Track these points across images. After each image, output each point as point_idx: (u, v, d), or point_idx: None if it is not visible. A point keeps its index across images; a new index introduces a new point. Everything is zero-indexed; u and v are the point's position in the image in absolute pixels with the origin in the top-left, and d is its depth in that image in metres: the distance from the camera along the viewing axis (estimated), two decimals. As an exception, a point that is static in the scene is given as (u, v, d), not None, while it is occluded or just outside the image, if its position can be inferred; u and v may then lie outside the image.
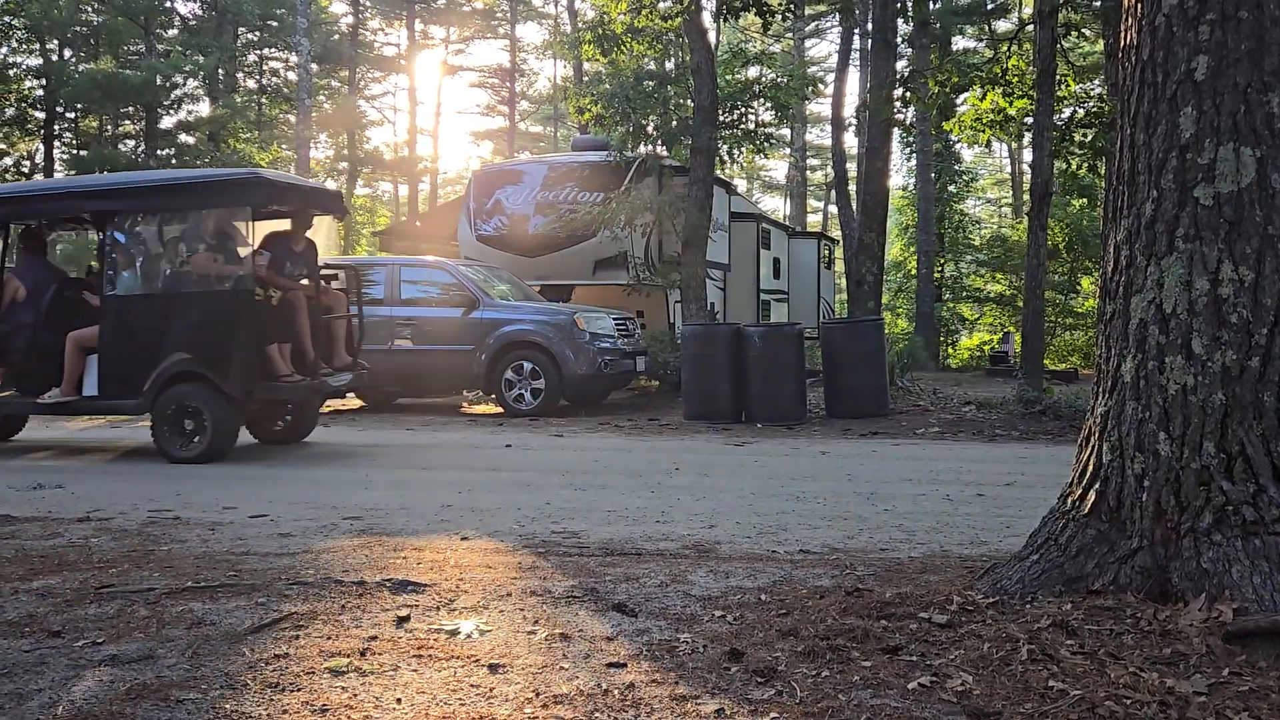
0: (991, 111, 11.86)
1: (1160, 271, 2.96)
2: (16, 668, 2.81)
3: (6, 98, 27.40)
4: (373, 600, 3.47)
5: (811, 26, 34.76)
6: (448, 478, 6.73)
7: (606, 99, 13.92)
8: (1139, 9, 3.10)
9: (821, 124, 39.11)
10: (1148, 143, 3.03)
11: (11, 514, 5.36)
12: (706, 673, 2.71)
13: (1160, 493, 2.92)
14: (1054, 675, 2.52)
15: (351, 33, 35.61)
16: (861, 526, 5.03)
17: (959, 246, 25.76)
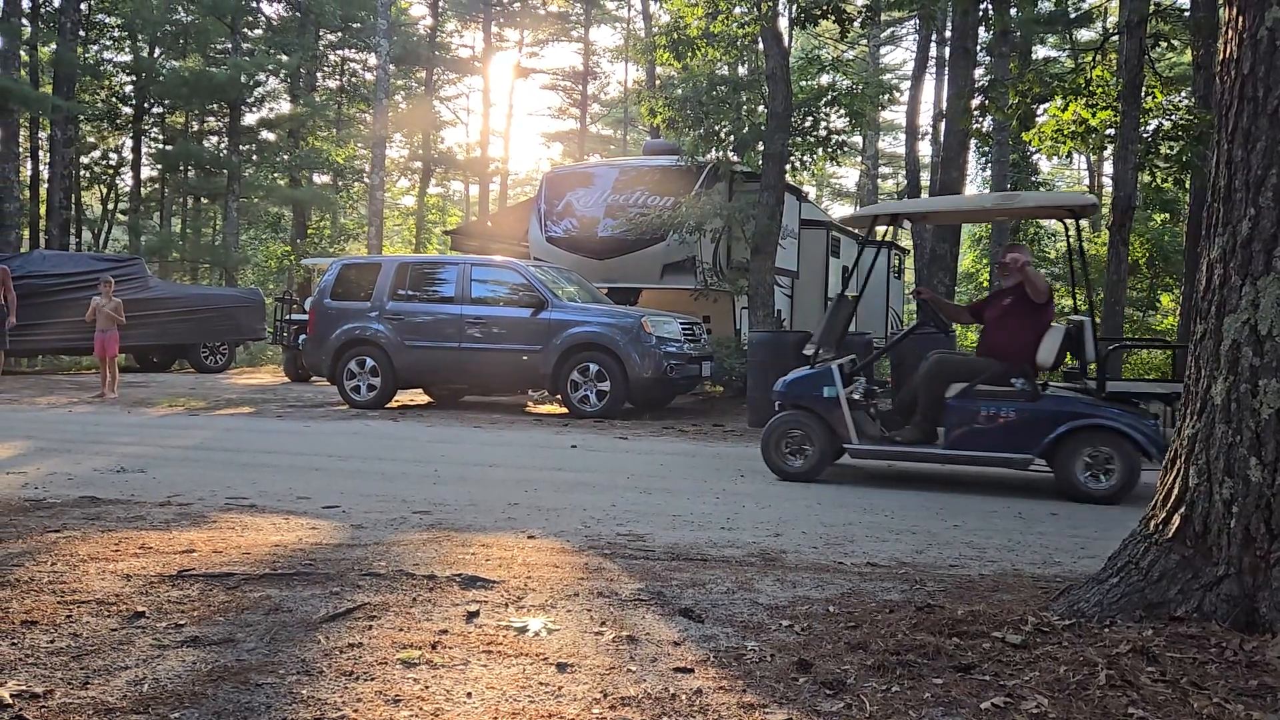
0: (1073, 122, 11.60)
1: (1256, 291, 2.87)
2: (104, 645, 2.91)
3: (99, 93, 28.39)
4: (443, 594, 3.52)
5: (887, 33, 34.36)
6: (514, 476, 6.80)
7: (679, 103, 13.93)
8: (1240, 22, 3.02)
9: (894, 132, 38.68)
10: (1246, 159, 2.95)
11: (97, 495, 5.56)
12: (774, 682, 2.70)
13: (1250, 519, 2.83)
14: (1134, 703, 2.46)
15: (429, 34, 36.15)
16: (930, 541, 4.96)
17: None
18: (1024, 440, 6.37)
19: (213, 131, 32.42)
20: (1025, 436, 6.36)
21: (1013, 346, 6.64)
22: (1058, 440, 6.30)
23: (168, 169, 30.83)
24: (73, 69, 24.79)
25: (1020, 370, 6.55)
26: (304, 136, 30.13)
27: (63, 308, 15.10)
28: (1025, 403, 6.42)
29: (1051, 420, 6.33)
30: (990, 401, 6.48)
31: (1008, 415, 6.41)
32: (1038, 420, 6.35)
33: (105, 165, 31.52)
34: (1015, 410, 6.42)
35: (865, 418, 6.93)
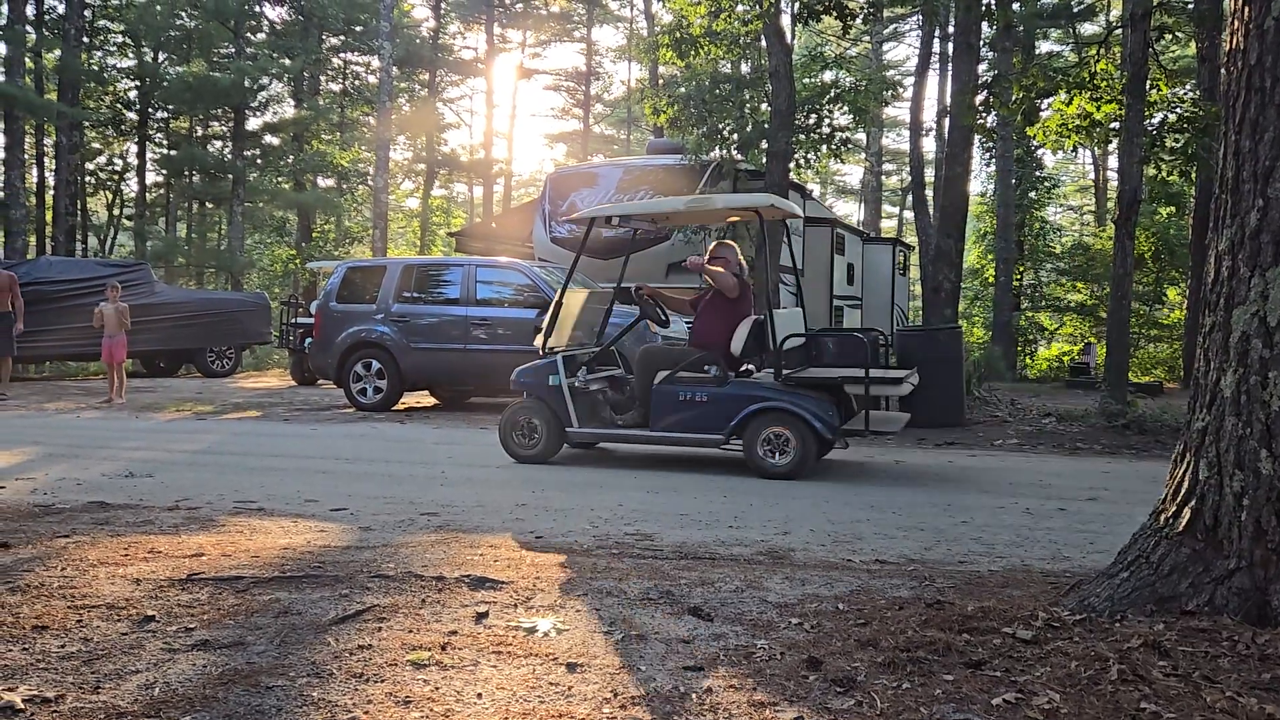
0: (1077, 117, 11.54)
1: (1265, 283, 2.86)
2: (115, 649, 2.91)
3: (103, 99, 28.47)
4: (452, 595, 3.52)
5: (890, 30, 34.31)
6: (521, 476, 6.80)
7: (682, 102, 13.92)
8: (1246, 12, 3.00)
9: (897, 128, 38.63)
10: (1254, 150, 2.93)
11: (106, 500, 5.57)
12: (785, 680, 2.70)
13: (1261, 512, 2.81)
14: (1146, 697, 2.45)
15: (432, 36, 36.19)
16: (939, 538, 4.95)
17: (1039, 254, 25.17)
18: (715, 422, 7.02)
19: (217, 136, 32.47)
20: (716, 419, 7.01)
21: (710, 336, 7.27)
22: (743, 422, 6.95)
23: (172, 174, 30.89)
24: (77, 75, 24.86)
25: (714, 359, 7.18)
26: (308, 140, 30.17)
27: (69, 314, 15.13)
28: (715, 388, 7.06)
29: (737, 404, 6.99)
30: (686, 387, 7.13)
31: (701, 399, 7.08)
32: (726, 404, 7.01)
33: (110, 171, 31.60)
34: (707, 395, 7.06)
35: (593, 403, 7.62)
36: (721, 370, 7.14)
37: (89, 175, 30.20)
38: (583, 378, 7.53)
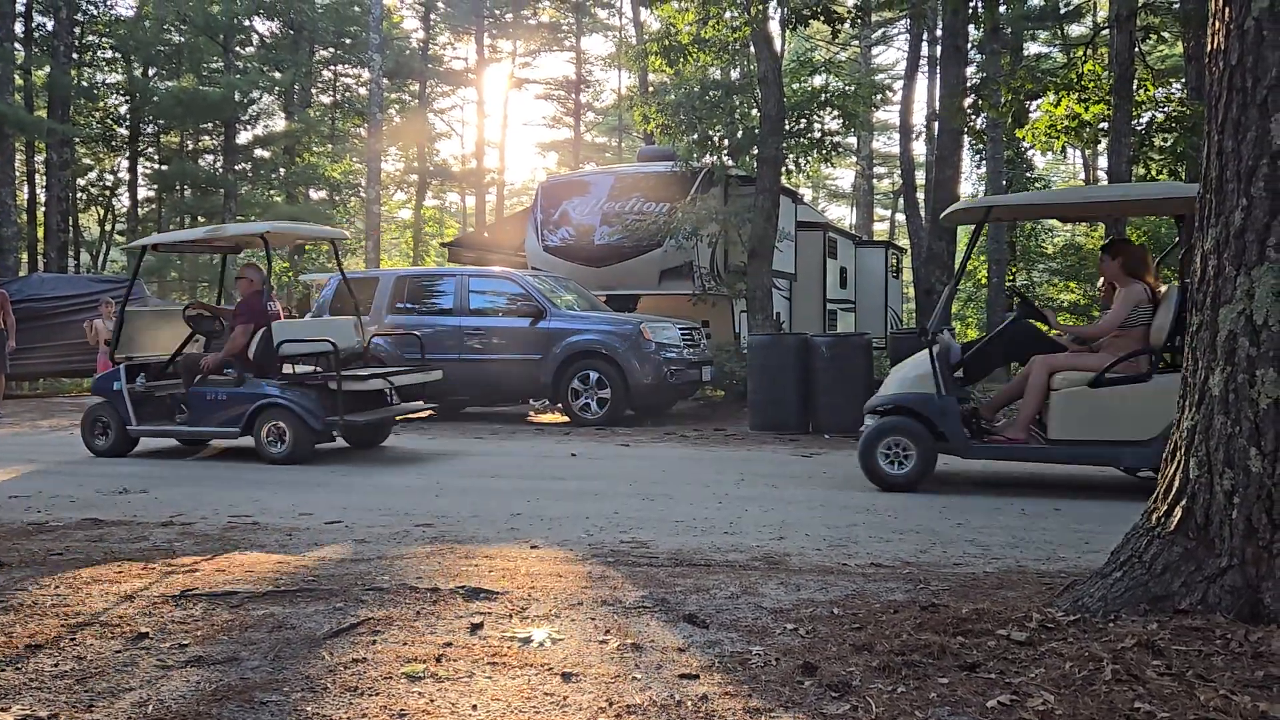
0: (1066, 118, 11.60)
1: (1250, 282, 2.87)
2: (108, 667, 2.91)
3: (93, 115, 28.46)
4: (447, 607, 3.52)
5: (879, 34, 34.44)
6: (516, 486, 6.79)
7: (672, 109, 13.96)
8: (1227, 12, 3.02)
9: (888, 132, 38.74)
10: (1237, 150, 2.95)
11: (99, 517, 5.56)
12: (780, 686, 2.70)
13: (1251, 510, 2.82)
14: (1140, 697, 2.46)
15: (422, 48, 36.26)
16: (934, 540, 4.95)
17: (1031, 255, 25.24)
18: (234, 418, 8.10)
19: (208, 150, 32.48)
20: (234, 415, 8.10)
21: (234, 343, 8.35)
22: (251, 417, 8.01)
23: (164, 189, 30.89)
24: (67, 92, 24.86)
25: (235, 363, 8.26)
26: (299, 153, 30.19)
27: (62, 330, 15.11)
28: (234, 389, 8.16)
29: (248, 401, 8.06)
30: (213, 389, 8.24)
31: (224, 399, 8.16)
32: (241, 402, 8.08)
33: (102, 187, 31.60)
34: (227, 395, 8.17)
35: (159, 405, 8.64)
36: (238, 372, 8.20)
37: (80, 191, 30.20)
38: (141, 383, 8.54)
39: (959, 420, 6.41)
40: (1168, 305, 6.17)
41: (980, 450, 6.51)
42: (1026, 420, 6.51)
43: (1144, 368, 6.19)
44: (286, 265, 28.98)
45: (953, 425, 6.39)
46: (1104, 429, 6.13)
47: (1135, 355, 6.19)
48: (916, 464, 6.50)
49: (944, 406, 6.41)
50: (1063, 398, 6.27)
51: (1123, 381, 6.11)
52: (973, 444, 6.48)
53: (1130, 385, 6.08)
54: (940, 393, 6.44)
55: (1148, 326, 6.30)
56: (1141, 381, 6.08)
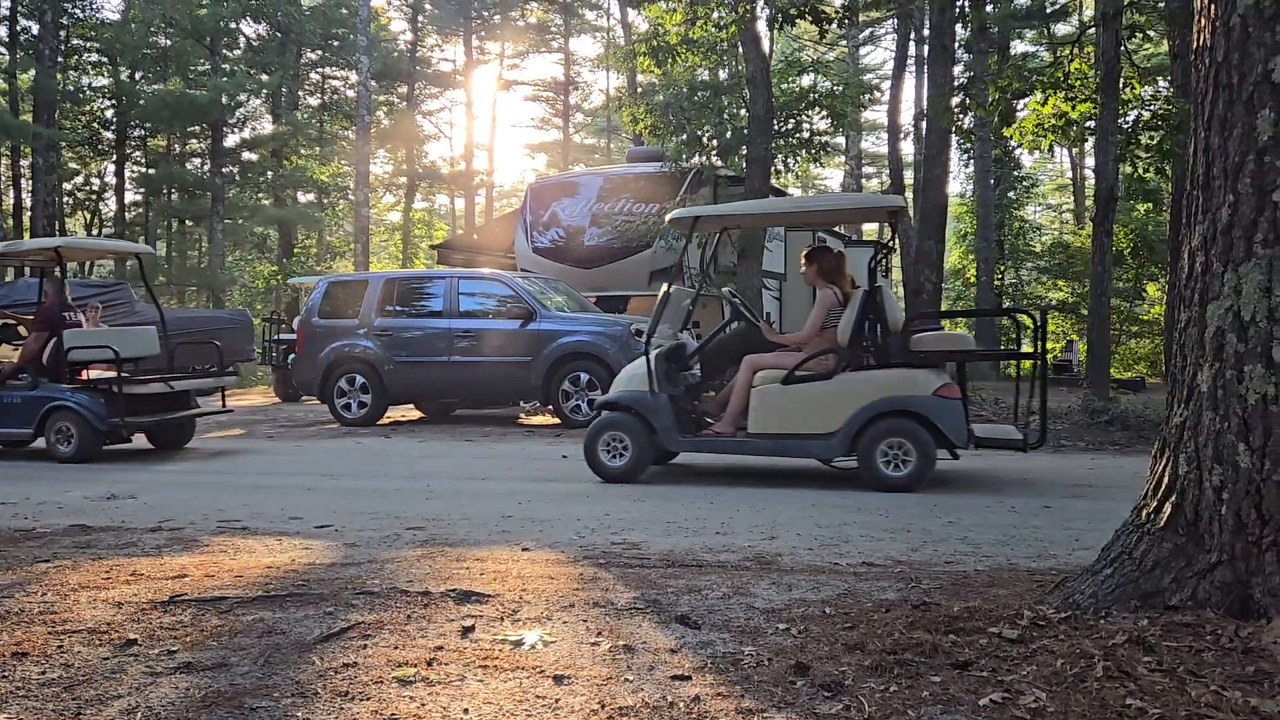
0: (1053, 116, 11.63)
1: (1238, 278, 2.88)
2: (96, 675, 2.88)
3: (79, 119, 28.32)
4: (438, 610, 3.50)
5: (866, 33, 34.51)
6: (507, 488, 6.78)
7: (661, 110, 13.96)
8: (1212, 10, 3.03)
9: (877, 131, 38.83)
10: (1223, 146, 2.96)
11: (87, 524, 5.52)
12: (772, 686, 2.69)
13: (1240, 505, 2.83)
14: (1132, 693, 2.46)
15: (410, 50, 36.20)
16: (925, 539, 4.95)
17: (1019, 253, 25.35)
18: (27, 420, 8.67)
19: (195, 154, 32.38)
20: (28, 418, 8.67)
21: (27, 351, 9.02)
22: (43, 419, 8.64)
23: (151, 193, 30.77)
24: (52, 96, 24.74)
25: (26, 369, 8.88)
26: (287, 155, 30.10)
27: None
28: (27, 392, 8.74)
29: (39, 404, 8.67)
30: (9, 393, 8.79)
31: (18, 402, 8.75)
32: (33, 405, 8.68)
33: (88, 191, 31.45)
34: (21, 399, 8.73)
35: None
36: (32, 378, 8.79)
37: (67, 195, 30.05)
38: None
39: (670, 416, 6.86)
40: (852, 308, 6.65)
41: (687, 444, 6.96)
42: (733, 415, 6.91)
43: (831, 366, 6.67)
44: (275, 269, 28.89)
45: (663, 421, 6.86)
46: (794, 423, 6.63)
47: (823, 354, 6.72)
48: (632, 456, 7.00)
49: (656, 404, 6.86)
50: (759, 394, 6.73)
51: (811, 379, 6.62)
52: (681, 438, 6.92)
53: (817, 383, 6.59)
54: (653, 391, 6.88)
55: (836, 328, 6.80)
56: (826, 379, 6.58)
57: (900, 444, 6.44)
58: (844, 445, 6.50)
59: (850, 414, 6.44)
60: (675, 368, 7.20)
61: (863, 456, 6.49)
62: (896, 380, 6.48)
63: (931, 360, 6.63)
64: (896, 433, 6.43)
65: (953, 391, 6.47)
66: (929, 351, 6.61)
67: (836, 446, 6.51)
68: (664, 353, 7.09)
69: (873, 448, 6.45)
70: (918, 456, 6.40)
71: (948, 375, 6.65)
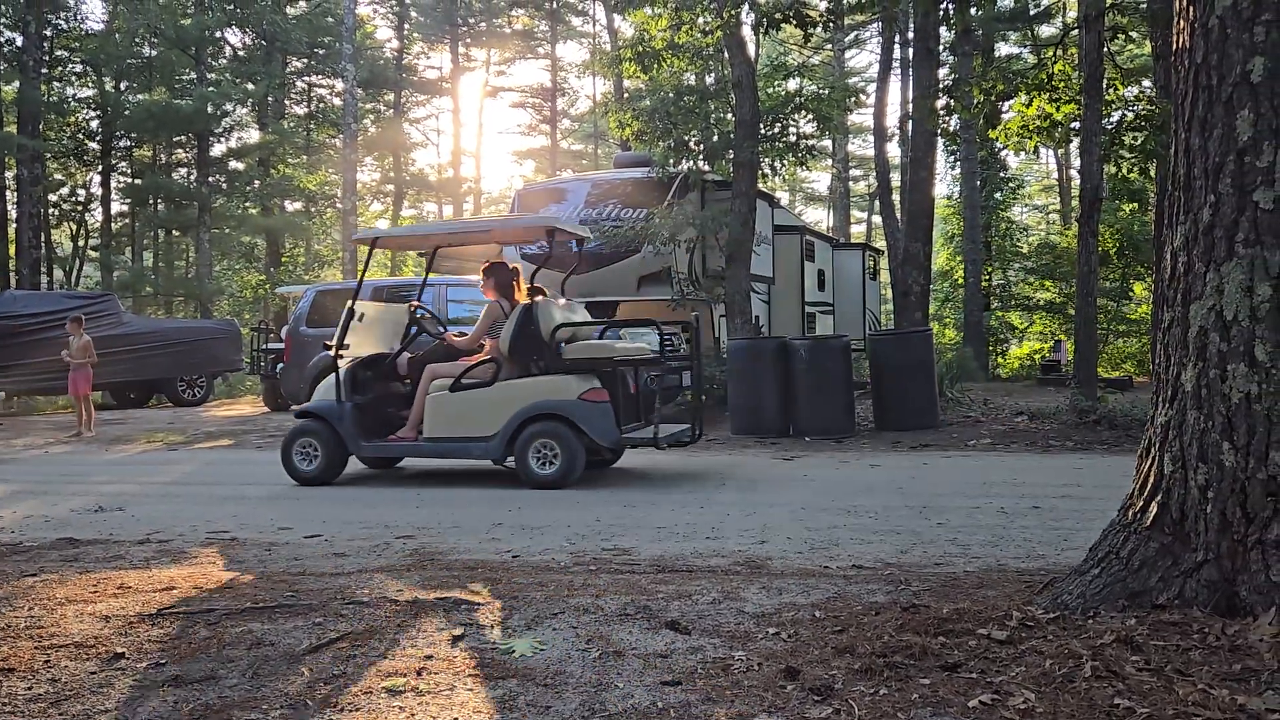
0: (1038, 118, 11.69)
1: (1220, 278, 2.90)
2: (83, 689, 2.87)
3: (64, 130, 28.19)
4: (427, 619, 3.49)
5: (851, 37, 34.64)
6: (497, 495, 6.77)
7: (647, 115, 13.96)
8: (1191, 11, 3.05)
9: (863, 134, 38.95)
10: (1203, 147, 2.98)
11: (75, 537, 5.49)
12: (763, 691, 2.69)
13: (1225, 504, 2.84)
14: (1120, 693, 2.47)
15: (396, 57, 36.16)
16: (915, 541, 4.97)
17: (1006, 254, 25.43)
18: None
19: (181, 163, 32.25)
20: None
21: None
22: None
23: (137, 203, 30.64)
24: (37, 107, 24.61)
25: None
26: (274, 164, 30.02)
27: (36, 348, 14.93)
28: None
29: None
30: None
31: None
32: None
33: (74, 202, 31.29)
34: None
35: None
36: None
37: (52, 207, 29.88)
38: None
39: (353, 423, 7.38)
40: (511, 320, 7.21)
41: (368, 449, 7.48)
42: (414, 421, 7.40)
43: (490, 375, 7.22)
44: (263, 279, 28.81)
45: (348, 427, 7.37)
46: (461, 427, 7.20)
47: (485, 363, 7.27)
48: (323, 461, 7.47)
49: (341, 412, 7.39)
50: (431, 401, 7.29)
51: (475, 386, 7.20)
52: (364, 444, 7.43)
53: (479, 389, 7.19)
54: (340, 400, 7.41)
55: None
56: (487, 386, 7.16)
57: (549, 444, 7.03)
58: (502, 446, 7.10)
59: (507, 418, 7.06)
60: (373, 377, 7.69)
61: (518, 457, 7.10)
62: (547, 386, 7.10)
63: (580, 368, 7.20)
64: (546, 434, 7.02)
65: (599, 395, 7.08)
66: (577, 359, 7.22)
67: (496, 448, 7.10)
68: (359, 364, 7.62)
69: (526, 448, 7.05)
70: (564, 455, 7.00)
71: (596, 381, 7.18)
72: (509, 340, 7.18)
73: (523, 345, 7.17)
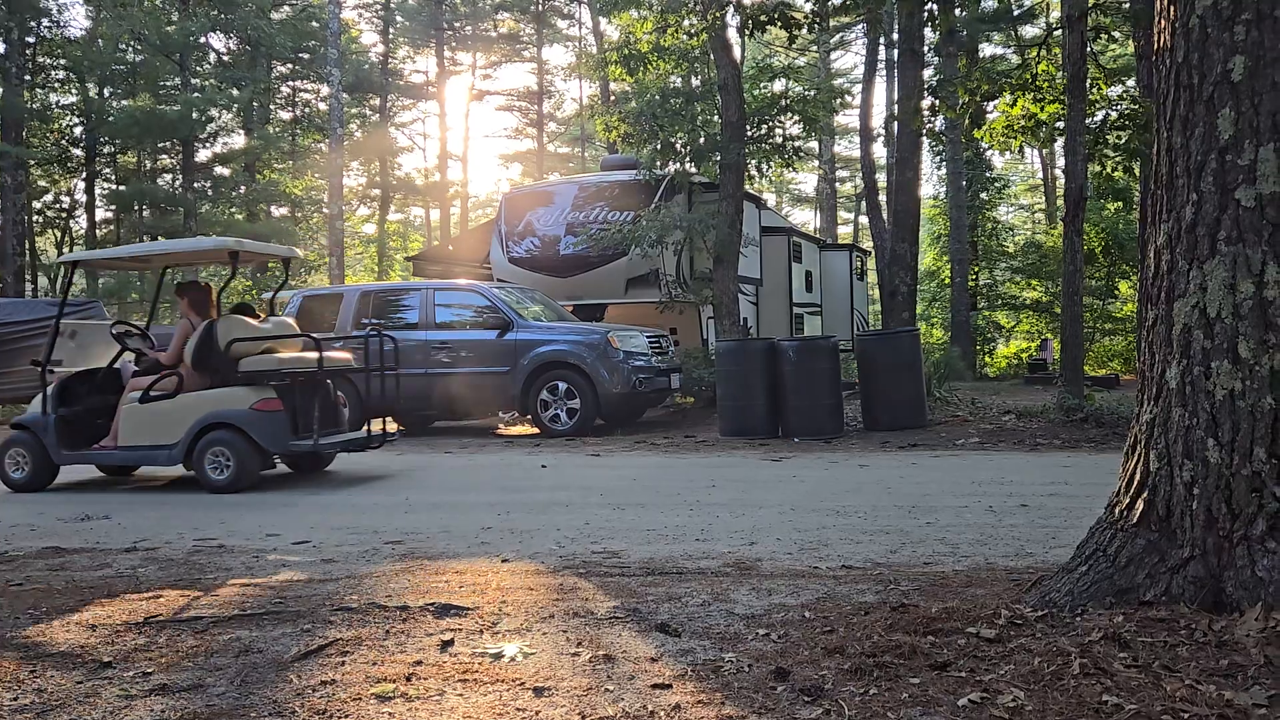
0: (1023, 118, 11.74)
1: (1203, 275, 2.92)
2: (70, 699, 2.84)
3: (48, 137, 28.04)
4: (416, 625, 3.48)
5: (837, 39, 34.74)
6: (486, 499, 6.76)
7: (634, 117, 13.99)
8: (1172, 11, 3.07)
9: (849, 135, 39.06)
10: (1185, 145, 2.99)
11: (61, 545, 5.45)
12: (753, 693, 2.69)
13: (1211, 500, 2.86)
14: (1108, 689, 2.48)
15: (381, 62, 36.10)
16: (904, 540, 4.98)
17: (993, 254, 25.55)
18: None
19: (166, 169, 32.10)
20: None
21: None
22: None
23: (122, 209, 30.48)
24: (20, 114, 24.49)
25: None
26: (259, 170, 29.92)
27: (22, 355, 14.81)
28: None
29: None
30: None
31: None
32: None
33: (59, 209, 31.13)
34: None
35: None
36: None
37: (36, 214, 29.71)
38: None
39: (54, 434, 7.84)
40: (194, 337, 7.73)
41: (69, 458, 7.95)
42: (115, 431, 7.81)
43: (174, 387, 7.69)
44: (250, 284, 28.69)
45: (50, 438, 7.85)
46: (148, 435, 7.68)
47: (169, 375, 7.71)
48: (31, 469, 7.96)
49: (45, 424, 7.86)
50: (125, 412, 7.77)
51: (162, 398, 7.67)
52: (64, 453, 7.90)
53: (164, 400, 7.65)
54: (44, 412, 7.89)
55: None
56: (171, 398, 7.64)
57: (223, 452, 7.51)
58: (183, 454, 7.58)
59: (187, 427, 7.54)
60: (85, 391, 8.13)
61: (196, 464, 7.57)
62: (225, 397, 7.60)
63: (254, 379, 7.69)
64: (220, 443, 7.51)
65: (272, 405, 7.56)
66: (252, 371, 7.69)
67: (178, 455, 7.58)
68: (71, 377, 8.12)
69: (203, 456, 7.53)
70: (235, 462, 7.47)
71: (271, 392, 7.65)
72: (191, 355, 7.72)
73: (204, 359, 7.70)
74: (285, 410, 7.61)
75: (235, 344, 7.66)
